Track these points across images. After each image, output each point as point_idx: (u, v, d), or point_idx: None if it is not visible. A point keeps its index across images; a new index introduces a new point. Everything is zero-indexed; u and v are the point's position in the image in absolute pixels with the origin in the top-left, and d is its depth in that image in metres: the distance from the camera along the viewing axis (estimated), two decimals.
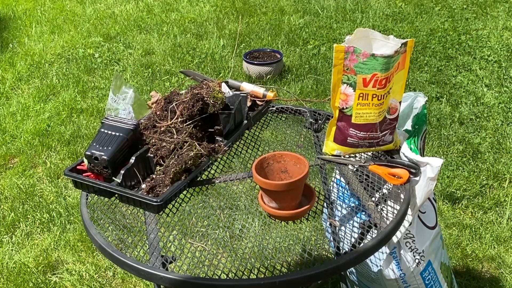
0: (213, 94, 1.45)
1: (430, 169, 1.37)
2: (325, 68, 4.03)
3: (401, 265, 1.58)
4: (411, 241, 1.56)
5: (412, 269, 1.58)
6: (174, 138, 1.37)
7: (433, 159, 1.38)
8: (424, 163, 1.39)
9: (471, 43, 4.27)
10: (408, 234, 1.56)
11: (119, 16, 5.23)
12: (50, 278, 2.31)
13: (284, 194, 1.21)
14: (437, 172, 1.36)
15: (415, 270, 1.59)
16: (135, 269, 1.15)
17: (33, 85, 4.03)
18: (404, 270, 1.58)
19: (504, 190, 2.65)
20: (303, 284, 1.12)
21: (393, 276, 1.60)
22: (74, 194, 2.80)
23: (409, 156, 1.42)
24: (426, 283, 1.63)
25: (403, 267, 1.58)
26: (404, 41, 1.38)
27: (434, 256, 1.65)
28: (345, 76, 1.38)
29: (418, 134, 1.54)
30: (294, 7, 5.17)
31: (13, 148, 3.24)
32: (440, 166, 1.36)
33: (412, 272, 1.59)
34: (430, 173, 1.38)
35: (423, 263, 1.60)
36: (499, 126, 3.17)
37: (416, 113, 1.56)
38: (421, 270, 1.60)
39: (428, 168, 1.38)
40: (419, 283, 1.62)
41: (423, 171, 1.38)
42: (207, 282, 1.10)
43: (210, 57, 4.28)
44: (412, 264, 1.57)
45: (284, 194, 1.21)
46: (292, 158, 1.30)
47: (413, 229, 1.56)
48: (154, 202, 1.22)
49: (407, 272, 1.58)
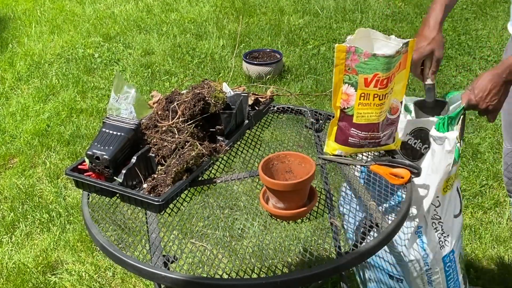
0: (214, 94, 1.45)
1: (447, 142, 1.46)
2: (325, 68, 4.03)
3: (425, 246, 1.58)
4: (438, 222, 1.58)
5: (435, 251, 1.59)
6: (175, 137, 1.37)
7: (449, 133, 1.47)
8: (444, 138, 1.46)
9: (471, 43, 4.27)
10: (436, 215, 1.57)
11: (119, 16, 5.23)
12: (49, 278, 2.30)
13: (292, 194, 1.21)
14: (453, 145, 1.45)
15: (438, 253, 1.60)
16: (137, 268, 1.15)
17: (32, 85, 4.03)
18: (428, 251, 1.58)
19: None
20: (304, 284, 1.12)
21: (415, 257, 1.60)
22: (73, 194, 2.80)
23: (433, 134, 1.50)
24: (446, 270, 1.64)
25: (427, 247, 1.58)
26: (406, 41, 1.38)
27: (456, 244, 1.66)
28: (347, 76, 1.38)
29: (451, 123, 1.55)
30: (293, 7, 5.17)
31: (13, 148, 3.24)
32: (455, 138, 1.45)
33: (435, 255, 1.59)
34: (447, 146, 1.46)
35: (446, 248, 1.61)
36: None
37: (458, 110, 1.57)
38: (443, 255, 1.61)
39: (446, 141, 1.46)
40: (439, 267, 1.62)
41: (442, 145, 1.46)
42: (209, 282, 1.10)
43: (210, 57, 4.29)
44: (436, 246, 1.58)
45: (292, 194, 1.21)
46: (296, 158, 1.30)
47: (441, 211, 1.58)
48: (156, 202, 1.22)
49: (430, 253, 1.59)
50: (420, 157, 1.61)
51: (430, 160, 1.52)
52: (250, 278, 1.14)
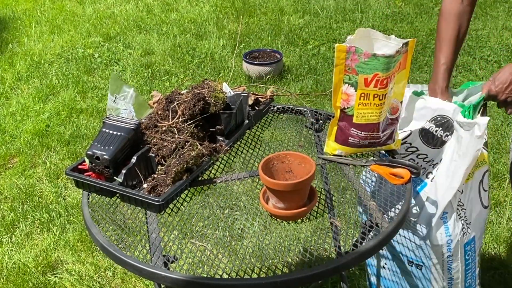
0: (215, 94, 1.45)
1: (477, 128, 1.46)
2: (325, 68, 4.03)
3: (450, 231, 1.59)
4: (461, 209, 1.59)
5: (459, 237, 1.60)
6: (175, 137, 1.37)
7: (480, 118, 1.48)
8: (473, 124, 1.47)
9: (471, 43, 4.27)
10: (459, 202, 1.59)
11: (119, 16, 5.23)
12: (49, 278, 2.30)
13: (292, 194, 1.21)
14: (483, 130, 1.45)
15: (461, 240, 1.61)
16: (137, 268, 1.15)
17: (32, 85, 4.03)
18: (452, 237, 1.59)
19: (504, 190, 2.65)
20: (304, 284, 1.12)
21: (441, 242, 1.60)
22: (73, 194, 2.80)
23: (460, 120, 1.51)
24: (466, 258, 1.65)
25: (452, 233, 1.59)
26: (406, 41, 1.38)
27: (479, 235, 1.68)
28: (347, 76, 1.38)
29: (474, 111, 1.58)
30: (293, 7, 5.17)
31: (13, 148, 3.24)
32: (486, 123, 1.46)
33: (458, 241, 1.60)
34: (477, 132, 1.46)
35: (468, 235, 1.63)
36: (499, 126, 3.17)
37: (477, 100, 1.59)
38: (465, 242, 1.62)
39: (476, 127, 1.46)
40: (460, 254, 1.63)
41: (471, 131, 1.47)
42: (209, 282, 1.10)
43: (210, 57, 4.29)
44: (460, 232, 1.59)
45: (292, 194, 1.21)
46: (296, 158, 1.30)
47: (464, 199, 1.59)
48: (156, 202, 1.22)
49: (454, 240, 1.60)
50: (441, 145, 1.61)
51: (456, 146, 1.53)
52: (250, 278, 1.14)
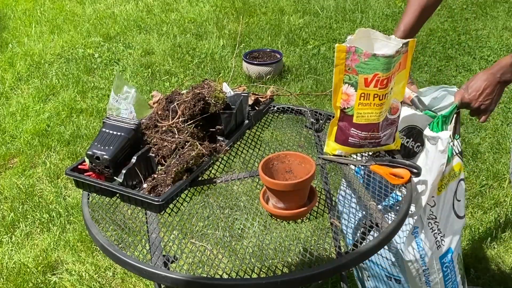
0: (215, 94, 1.45)
1: (440, 143, 1.45)
2: (325, 68, 4.03)
3: (422, 245, 1.58)
4: (433, 222, 1.58)
5: (432, 251, 1.58)
6: (175, 137, 1.37)
7: (443, 132, 1.47)
8: (437, 138, 1.46)
9: (471, 43, 4.27)
10: (431, 215, 1.57)
11: (119, 16, 5.23)
12: (49, 278, 2.30)
13: (292, 194, 1.21)
14: (446, 145, 1.45)
15: (435, 253, 1.59)
16: (137, 268, 1.15)
17: (32, 85, 4.03)
18: (425, 251, 1.58)
19: (504, 190, 2.65)
20: (304, 284, 1.12)
21: (413, 257, 1.59)
22: (73, 194, 2.80)
23: (427, 134, 1.50)
24: (444, 270, 1.63)
25: (424, 247, 1.58)
26: (406, 41, 1.38)
27: (455, 245, 1.66)
28: (347, 76, 1.38)
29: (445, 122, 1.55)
30: (294, 7, 5.17)
31: (13, 148, 3.24)
32: (448, 138, 1.44)
33: (432, 255, 1.59)
34: (440, 146, 1.45)
35: (444, 248, 1.61)
36: (499, 126, 3.17)
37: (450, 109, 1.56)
38: (440, 254, 1.61)
39: (439, 142, 1.45)
40: (437, 268, 1.62)
41: (435, 145, 1.46)
42: (208, 282, 1.10)
43: (210, 57, 4.29)
44: (433, 246, 1.58)
45: (292, 194, 1.21)
46: (296, 158, 1.30)
47: (437, 211, 1.57)
48: (156, 202, 1.22)
49: (427, 254, 1.58)
50: (413, 156, 1.61)
51: (424, 160, 1.52)
52: (250, 278, 1.14)
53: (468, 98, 1.50)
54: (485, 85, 1.48)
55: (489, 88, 1.48)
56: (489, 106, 1.51)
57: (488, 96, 1.49)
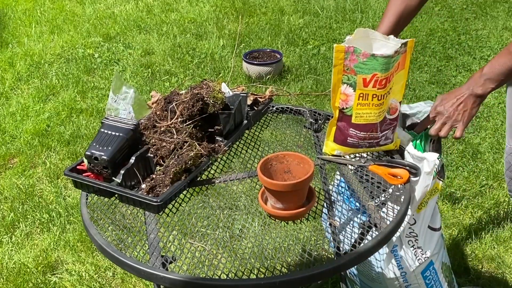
0: (213, 94, 1.45)
1: (426, 164, 1.42)
2: (325, 68, 4.03)
3: (402, 263, 1.57)
4: (414, 240, 1.56)
5: (413, 267, 1.58)
6: (174, 138, 1.37)
7: (429, 154, 1.44)
8: (422, 158, 1.43)
9: (471, 43, 4.27)
10: (412, 232, 1.56)
11: (119, 16, 5.23)
12: (49, 278, 2.30)
13: (291, 195, 1.21)
14: (432, 167, 1.41)
15: (417, 269, 1.59)
16: (135, 269, 1.15)
17: (32, 85, 4.03)
18: (405, 269, 1.58)
19: (504, 190, 2.65)
20: (303, 284, 1.12)
21: (394, 275, 1.60)
22: (73, 195, 2.80)
23: (411, 152, 1.47)
24: (427, 283, 1.63)
25: (404, 265, 1.58)
26: (404, 41, 1.38)
27: (436, 257, 1.65)
28: (345, 76, 1.38)
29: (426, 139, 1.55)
30: (293, 7, 5.17)
31: (13, 148, 3.24)
32: (435, 160, 1.41)
33: (413, 271, 1.58)
34: (426, 168, 1.42)
35: (425, 263, 1.60)
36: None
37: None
38: (422, 269, 1.60)
39: (425, 162, 1.42)
40: (420, 282, 1.61)
41: (421, 166, 1.42)
42: (207, 282, 1.10)
43: (210, 57, 4.28)
44: (413, 263, 1.57)
45: (290, 194, 1.21)
46: (295, 158, 1.29)
47: (416, 228, 1.56)
48: (154, 202, 1.22)
49: (408, 270, 1.58)
50: None
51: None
52: (249, 278, 1.14)
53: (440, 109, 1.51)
54: (457, 99, 1.49)
55: (461, 103, 1.49)
56: (462, 120, 1.50)
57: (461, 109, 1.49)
